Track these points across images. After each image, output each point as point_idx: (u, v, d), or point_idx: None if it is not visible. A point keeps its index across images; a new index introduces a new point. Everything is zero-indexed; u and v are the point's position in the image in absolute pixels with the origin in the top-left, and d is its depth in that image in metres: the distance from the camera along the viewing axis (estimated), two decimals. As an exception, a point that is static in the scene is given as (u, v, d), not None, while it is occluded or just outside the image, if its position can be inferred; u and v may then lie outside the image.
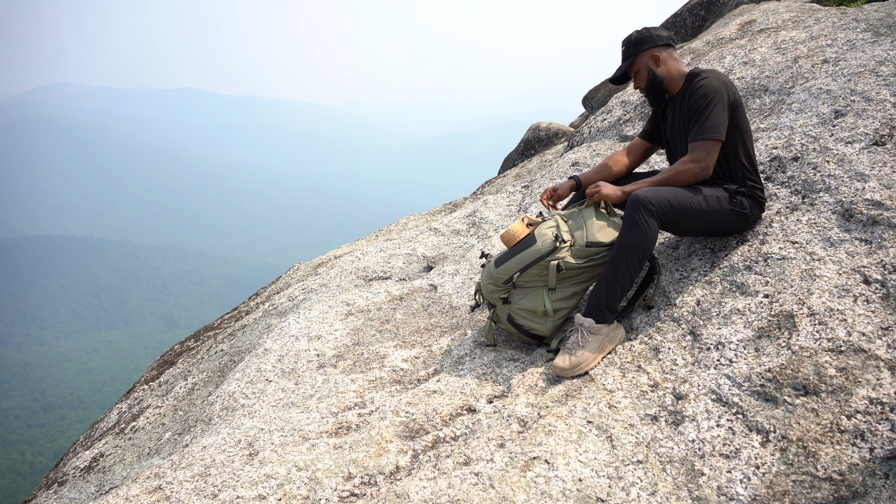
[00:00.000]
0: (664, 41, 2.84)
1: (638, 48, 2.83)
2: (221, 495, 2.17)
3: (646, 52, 2.83)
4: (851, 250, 2.48)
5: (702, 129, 2.65)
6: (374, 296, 4.06)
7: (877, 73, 3.30)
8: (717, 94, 2.66)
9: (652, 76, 2.84)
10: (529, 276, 2.79)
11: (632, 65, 2.88)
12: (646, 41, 2.83)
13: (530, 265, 2.76)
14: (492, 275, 2.86)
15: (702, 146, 2.65)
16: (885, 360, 2.04)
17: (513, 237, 2.85)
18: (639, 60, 2.85)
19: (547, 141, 8.47)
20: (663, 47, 2.84)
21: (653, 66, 2.84)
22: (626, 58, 2.88)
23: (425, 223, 5.96)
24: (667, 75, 2.84)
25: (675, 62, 2.85)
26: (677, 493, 1.94)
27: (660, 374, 2.43)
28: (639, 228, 2.54)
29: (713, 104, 2.64)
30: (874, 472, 1.79)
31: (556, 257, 2.74)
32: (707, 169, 2.66)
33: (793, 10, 5.02)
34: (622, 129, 5.01)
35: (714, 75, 2.73)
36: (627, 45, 2.88)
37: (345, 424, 2.57)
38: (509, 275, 2.80)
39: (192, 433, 3.07)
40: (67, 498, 3.26)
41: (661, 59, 2.82)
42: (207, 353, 4.49)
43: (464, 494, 2.01)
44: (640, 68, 2.86)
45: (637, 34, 2.86)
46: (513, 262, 2.80)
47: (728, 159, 2.76)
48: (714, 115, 2.63)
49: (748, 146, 2.78)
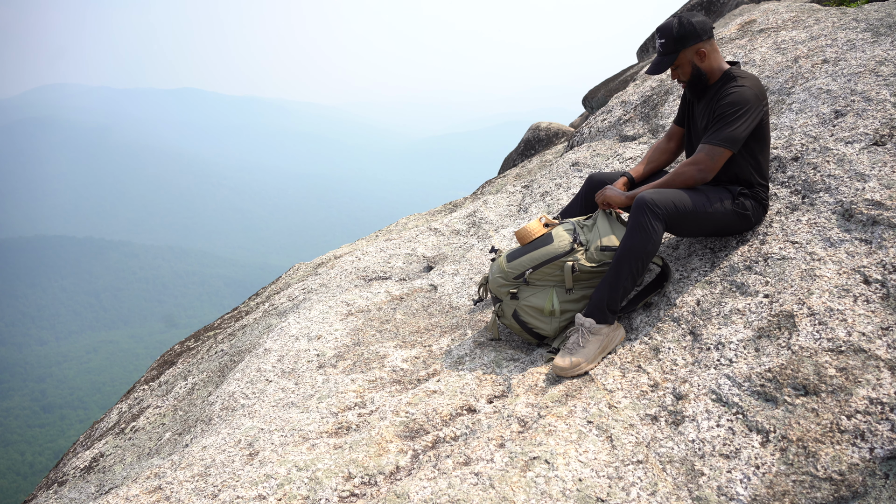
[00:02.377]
0: (708, 34, 2.69)
1: (682, 44, 2.68)
2: (221, 495, 2.17)
3: (691, 47, 2.69)
4: (851, 250, 2.48)
5: (717, 136, 2.61)
6: (374, 296, 4.06)
7: (877, 73, 3.30)
8: (747, 106, 2.59)
9: (697, 72, 2.73)
10: (542, 273, 2.80)
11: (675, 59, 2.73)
12: (691, 36, 2.66)
13: (544, 263, 2.78)
14: (503, 269, 2.86)
15: (710, 151, 2.62)
16: (885, 360, 2.04)
17: (528, 234, 2.86)
18: (683, 56, 2.71)
19: (547, 141, 8.47)
20: (707, 40, 2.69)
21: (697, 62, 2.72)
22: (669, 52, 2.72)
23: (425, 223, 5.96)
24: (709, 70, 2.74)
25: (716, 55, 2.74)
26: (677, 493, 1.94)
27: (660, 374, 2.43)
28: (643, 231, 2.54)
29: (738, 115, 2.59)
30: (874, 472, 1.79)
31: (571, 258, 2.75)
32: (707, 175, 2.64)
33: (793, 10, 5.02)
34: (622, 129, 5.01)
35: (750, 83, 2.65)
36: (670, 39, 2.69)
37: (345, 424, 2.57)
38: (521, 270, 2.81)
39: (192, 433, 3.07)
40: (67, 498, 3.26)
41: (706, 54, 2.71)
42: (207, 353, 4.49)
43: (464, 494, 2.01)
44: (684, 63, 2.73)
45: (680, 28, 2.67)
46: (526, 258, 2.81)
47: (741, 167, 2.74)
48: (736, 126, 2.58)
49: (765, 155, 2.77)
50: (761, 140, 2.73)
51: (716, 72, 2.76)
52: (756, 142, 2.72)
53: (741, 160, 2.72)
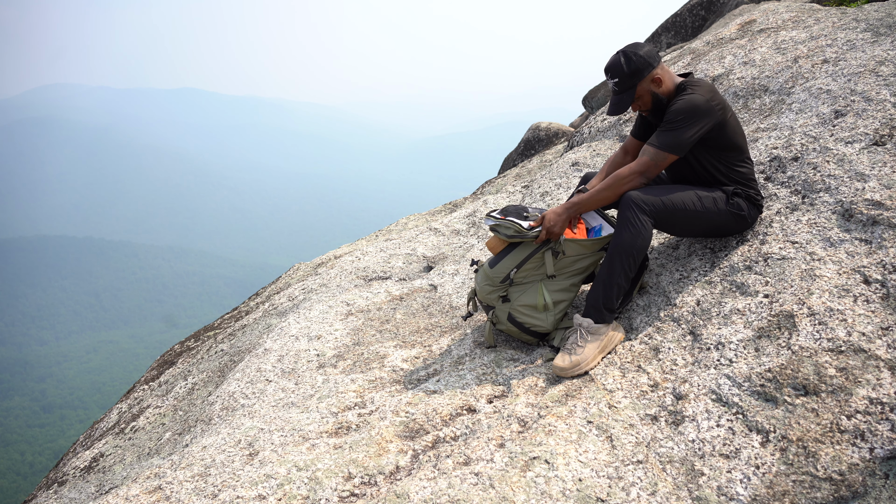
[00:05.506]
0: (657, 60, 2.68)
1: (638, 77, 2.66)
2: (221, 495, 2.17)
3: (646, 78, 2.66)
4: (851, 250, 2.48)
5: (660, 139, 2.59)
6: (374, 296, 4.06)
7: (877, 73, 3.30)
8: (694, 111, 2.57)
9: (656, 99, 2.71)
10: (526, 270, 2.83)
11: (634, 94, 2.71)
12: (644, 68, 2.64)
13: (526, 259, 2.81)
14: (488, 275, 2.87)
15: (653, 155, 2.60)
16: (885, 360, 2.04)
17: (499, 243, 2.90)
18: (640, 88, 2.68)
19: (547, 141, 8.47)
20: (658, 66, 2.68)
21: (655, 89, 2.69)
22: (626, 88, 2.69)
23: (425, 223, 5.96)
24: (667, 92, 2.71)
25: (669, 75, 2.72)
26: (677, 493, 1.94)
27: (660, 374, 2.43)
28: (631, 226, 2.55)
29: (683, 121, 2.56)
30: (874, 472, 1.79)
31: (549, 247, 2.79)
32: (647, 179, 2.63)
33: (793, 10, 5.02)
34: (622, 129, 5.01)
35: (700, 91, 2.62)
36: (623, 77, 2.66)
37: (345, 424, 2.57)
38: (506, 272, 2.83)
39: (192, 433, 3.07)
40: (67, 498, 3.26)
41: (661, 80, 2.68)
42: (207, 353, 4.49)
43: (464, 494, 2.01)
44: (643, 94, 2.70)
45: (630, 63, 2.65)
46: (508, 259, 2.84)
47: (725, 169, 2.74)
48: (679, 131, 2.56)
49: (744, 156, 2.76)
50: (729, 146, 2.69)
51: (672, 91, 2.72)
52: (725, 149, 2.69)
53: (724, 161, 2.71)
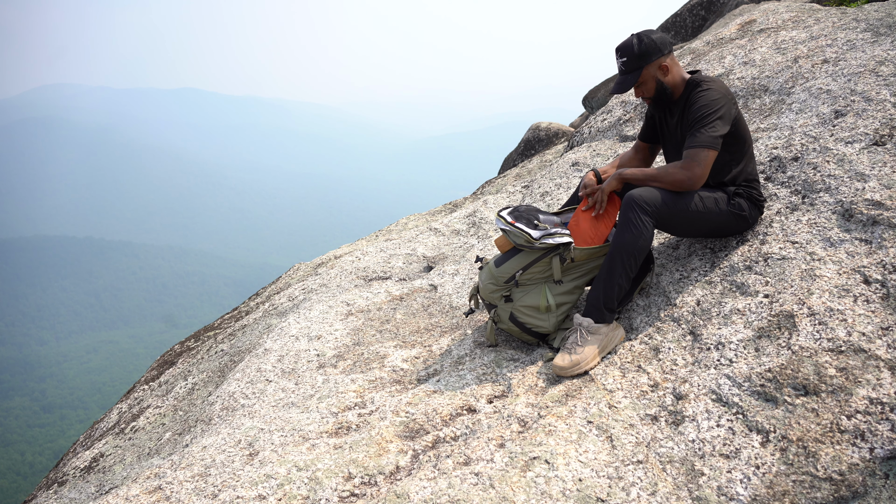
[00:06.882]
0: (668, 48, 2.71)
1: (645, 60, 2.68)
2: (221, 495, 2.17)
3: (653, 63, 2.70)
4: (851, 250, 2.48)
5: (697, 139, 2.59)
6: (374, 296, 4.06)
7: (877, 73, 3.30)
8: (718, 105, 2.60)
9: (661, 87, 2.74)
10: (532, 273, 2.82)
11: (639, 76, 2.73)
12: (653, 52, 2.67)
13: (533, 262, 2.80)
14: (493, 275, 2.87)
15: (694, 155, 2.58)
16: (885, 360, 2.04)
17: (508, 242, 2.90)
18: (646, 72, 2.70)
19: (547, 141, 8.47)
20: (668, 55, 2.72)
21: (661, 77, 2.72)
22: (632, 70, 2.71)
23: (425, 223, 5.96)
24: (673, 83, 2.74)
25: (678, 68, 2.76)
26: (677, 493, 1.94)
27: (660, 374, 2.43)
28: (633, 227, 2.55)
29: (714, 116, 2.58)
30: (874, 472, 1.79)
31: (557, 252, 2.78)
32: (696, 180, 2.59)
33: (793, 10, 5.02)
34: (622, 129, 5.01)
35: (716, 86, 2.66)
36: (632, 57, 2.69)
37: (345, 424, 2.57)
38: (511, 273, 2.83)
39: (192, 433, 3.07)
40: (67, 498, 3.26)
41: (669, 69, 2.71)
42: (207, 353, 4.49)
43: (464, 494, 2.01)
44: (648, 79, 2.72)
45: (640, 45, 2.68)
46: (514, 260, 2.84)
47: (728, 167, 2.74)
48: (713, 126, 2.58)
49: (749, 154, 2.76)
50: (739, 140, 2.71)
51: (679, 85, 2.76)
52: (735, 142, 2.70)
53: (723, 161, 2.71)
